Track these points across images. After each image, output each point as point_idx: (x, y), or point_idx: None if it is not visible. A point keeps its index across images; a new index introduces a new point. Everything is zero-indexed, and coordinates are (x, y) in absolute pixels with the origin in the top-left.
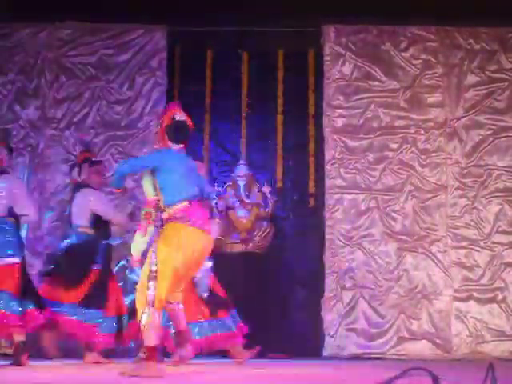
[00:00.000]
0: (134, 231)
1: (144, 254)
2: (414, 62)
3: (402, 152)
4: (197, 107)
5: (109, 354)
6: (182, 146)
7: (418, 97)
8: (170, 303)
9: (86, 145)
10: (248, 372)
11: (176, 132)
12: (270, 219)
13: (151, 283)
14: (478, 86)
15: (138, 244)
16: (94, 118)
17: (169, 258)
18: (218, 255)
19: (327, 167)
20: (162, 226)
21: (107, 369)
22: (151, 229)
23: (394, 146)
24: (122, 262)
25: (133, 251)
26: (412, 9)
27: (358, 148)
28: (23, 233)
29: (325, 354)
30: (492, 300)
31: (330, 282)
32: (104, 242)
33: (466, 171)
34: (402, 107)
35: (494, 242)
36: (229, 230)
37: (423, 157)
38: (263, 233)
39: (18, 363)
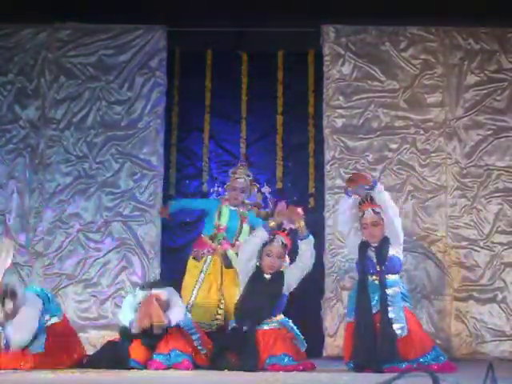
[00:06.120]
0: None
1: None
2: (414, 62)
3: (401, 152)
4: (197, 107)
5: None
6: None
7: (417, 97)
8: None
9: None
10: (247, 374)
11: None
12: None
13: None
14: (477, 86)
15: None
16: (94, 118)
17: None
18: None
19: (327, 167)
20: None
21: (109, 371)
22: None
23: (394, 146)
24: None
25: None
26: (412, 9)
27: (358, 148)
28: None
29: (325, 354)
30: (492, 300)
31: (329, 282)
32: None
33: (465, 171)
34: (401, 107)
35: (493, 242)
36: None
37: (423, 157)
38: None
39: None
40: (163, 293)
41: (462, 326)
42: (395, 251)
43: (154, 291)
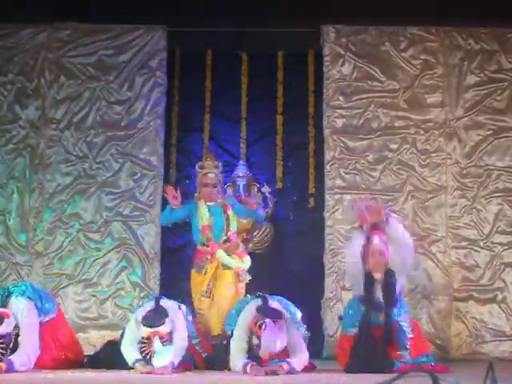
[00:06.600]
0: None
1: None
2: (414, 62)
3: (401, 152)
4: (197, 107)
5: None
6: None
7: (417, 97)
8: None
9: None
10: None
11: None
12: (269, 219)
13: None
14: (477, 87)
15: None
16: (94, 118)
17: None
18: None
19: (327, 167)
20: None
21: (109, 371)
22: None
23: (394, 146)
24: None
25: None
26: (412, 9)
27: (358, 148)
28: None
29: (325, 354)
30: (492, 300)
31: (329, 282)
32: None
33: (465, 171)
34: (401, 107)
35: (493, 242)
36: None
37: (423, 157)
38: (263, 233)
39: None
40: (166, 326)
41: (462, 326)
42: (399, 284)
43: (157, 329)
